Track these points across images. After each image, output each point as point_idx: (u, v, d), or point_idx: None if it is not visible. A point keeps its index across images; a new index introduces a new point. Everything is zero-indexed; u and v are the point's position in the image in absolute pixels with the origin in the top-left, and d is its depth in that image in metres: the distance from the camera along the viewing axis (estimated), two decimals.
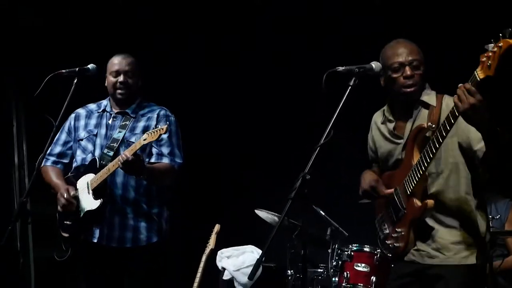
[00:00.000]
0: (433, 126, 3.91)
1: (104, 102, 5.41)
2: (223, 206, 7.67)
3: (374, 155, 4.57)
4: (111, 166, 5.00)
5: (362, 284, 5.88)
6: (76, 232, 5.20)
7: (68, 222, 5.21)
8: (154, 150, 5.21)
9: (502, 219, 6.31)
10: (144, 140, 4.85)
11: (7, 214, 6.57)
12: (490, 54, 3.47)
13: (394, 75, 4.19)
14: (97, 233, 5.15)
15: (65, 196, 5.13)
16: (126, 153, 4.88)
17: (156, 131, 4.81)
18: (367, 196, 4.41)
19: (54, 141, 5.40)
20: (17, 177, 7.50)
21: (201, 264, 6.24)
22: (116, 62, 5.26)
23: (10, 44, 7.35)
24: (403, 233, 4.19)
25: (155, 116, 5.29)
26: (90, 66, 5.00)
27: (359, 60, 4.05)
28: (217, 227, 6.35)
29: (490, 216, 5.93)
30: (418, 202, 4.07)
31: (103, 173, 5.05)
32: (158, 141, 5.15)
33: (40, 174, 5.16)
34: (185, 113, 5.66)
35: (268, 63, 7.66)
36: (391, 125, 4.35)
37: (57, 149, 5.41)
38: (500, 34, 3.43)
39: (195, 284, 6.18)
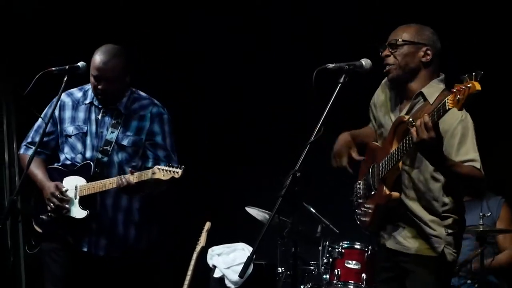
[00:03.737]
0: (413, 123, 3.88)
1: (91, 92, 5.11)
2: (213, 203, 7.66)
3: (372, 117, 4.52)
4: (108, 184, 4.85)
5: (353, 281, 5.89)
6: (51, 231, 5.03)
7: (44, 217, 5.05)
8: (149, 154, 5.04)
9: (493, 216, 6.32)
10: (153, 174, 4.70)
11: None
12: (461, 89, 3.50)
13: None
14: (85, 241, 4.99)
15: (58, 197, 4.94)
16: (129, 179, 4.76)
17: (170, 172, 4.65)
18: (335, 161, 4.40)
19: (35, 129, 5.19)
20: (7, 175, 7.47)
21: (192, 262, 6.23)
22: (97, 65, 4.91)
23: (0, 41, 7.32)
24: (370, 210, 4.25)
25: (148, 115, 5.07)
26: (80, 64, 4.92)
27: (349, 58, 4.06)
28: (207, 225, 6.35)
29: (481, 214, 5.95)
30: (386, 190, 4.09)
31: (97, 187, 4.89)
32: (153, 143, 5.04)
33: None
34: (175, 109, 5.64)
35: (258, 60, 7.66)
36: (398, 103, 4.30)
37: (39, 138, 5.01)
38: (473, 74, 3.46)
39: (186, 282, 6.18)
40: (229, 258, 6.70)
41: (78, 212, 4.96)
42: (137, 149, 5.04)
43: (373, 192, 4.21)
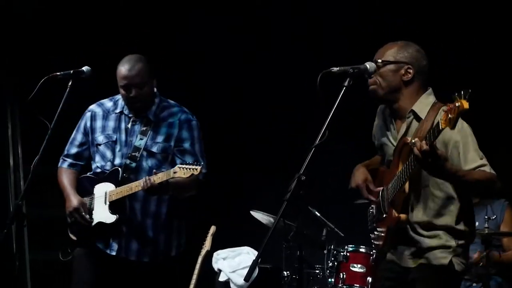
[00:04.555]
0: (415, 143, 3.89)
1: (121, 101, 5.23)
2: (218, 207, 7.66)
3: (376, 145, 4.53)
4: (134, 186, 4.95)
5: (358, 285, 5.91)
6: (85, 237, 5.14)
7: (76, 226, 5.17)
8: (177, 160, 5.09)
9: (497, 219, 6.31)
10: (175, 173, 4.80)
11: (2, 217, 6.56)
12: (451, 108, 3.52)
13: None
14: (114, 245, 5.08)
15: (81, 214, 5.07)
16: (153, 180, 4.84)
17: (190, 169, 4.78)
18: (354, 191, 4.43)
19: (70, 141, 5.33)
20: (13, 179, 7.49)
21: (197, 266, 6.22)
22: (124, 74, 5.04)
23: (6, 45, 7.33)
24: (382, 234, 4.25)
25: (177, 122, 5.16)
26: (85, 68, 4.93)
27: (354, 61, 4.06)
28: (212, 229, 6.33)
29: (486, 217, 5.96)
30: (395, 213, 4.10)
31: (125, 190, 4.99)
32: (181, 149, 5.12)
33: (35, 176, 5.10)
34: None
35: (258, 60, 7.66)
36: (392, 122, 4.31)
37: (74, 150, 5.30)
38: (462, 92, 3.48)
39: (191, 286, 6.16)
40: (234, 262, 6.70)
41: (108, 217, 5.06)
42: (166, 155, 5.12)
43: (384, 216, 4.21)
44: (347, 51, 6.94)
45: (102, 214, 5.09)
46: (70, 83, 4.83)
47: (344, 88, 3.90)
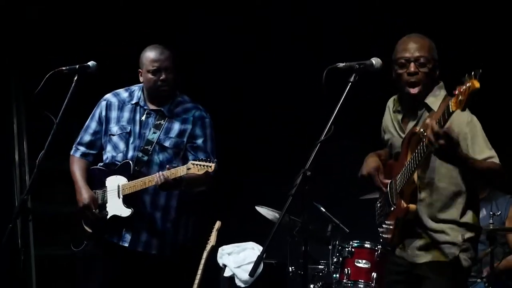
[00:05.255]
0: (425, 133, 3.88)
1: (137, 93, 5.28)
2: (224, 202, 7.67)
3: (384, 139, 4.53)
4: (147, 181, 4.98)
5: (363, 281, 5.90)
6: (100, 230, 5.19)
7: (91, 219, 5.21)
8: (190, 156, 5.12)
9: (502, 216, 6.30)
10: (188, 169, 4.84)
11: (7, 212, 6.57)
12: (462, 89, 3.51)
13: (399, 71, 4.16)
14: (127, 237, 5.12)
15: (92, 211, 5.13)
16: (167, 176, 4.88)
17: (204, 166, 4.82)
18: (363, 180, 4.41)
19: (84, 128, 5.36)
20: (18, 174, 7.50)
21: (202, 261, 6.23)
22: (154, 57, 5.12)
23: (12, 41, 7.35)
24: (391, 227, 4.23)
25: (191, 118, 5.20)
26: (91, 63, 4.94)
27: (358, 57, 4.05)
28: (218, 224, 6.34)
29: (491, 213, 5.95)
30: (404, 204, 4.09)
31: (138, 185, 5.02)
32: (194, 145, 5.17)
33: (40, 171, 5.12)
34: None
35: (258, 60, 7.66)
36: (399, 116, 4.31)
37: (87, 137, 5.33)
38: (473, 73, 3.48)
39: (196, 281, 6.17)
40: (239, 257, 6.71)
41: (123, 211, 5.09)
42: (178, 151, 5.16)
43: (392, 208, 4.21)
44: (347, 51, 6.93)
45: (116, 207, 5.11)
46: (75, 78, 4.84)
47: (350, 83, 3.91)
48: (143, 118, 5.20)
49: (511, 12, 6.68)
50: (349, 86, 3.91)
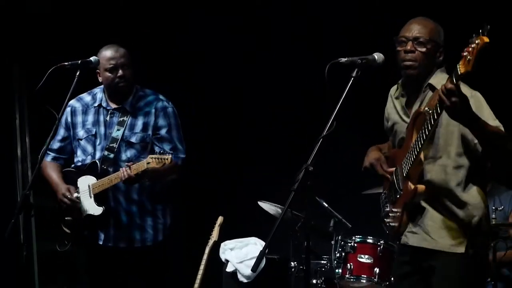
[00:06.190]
0: (430, 111, 3.86)
1: (99, 95, 5.37)
2: (226, 198, 7.67)
3: (388, 127, 4.49)
4: (113, 178, 5.08)
5: (365, 276, 5.90)
6: (77, 230, 5.28)
7: (69, 218, 5.30)
8: (156, 148, 5.22)
9: (505, 211, 6.29)
10: (148, 164, 4.92)
11: (10, 207, 6.57)
12: (470, 49, 3.48)
13: (398, 48, 4.14)
14: (102, 235, 5.24)
15: (68, 197, 5.22)
16: (129, 172, 4.97)
17: (161, 159, 4.88)
18: (367, 173, 4.40)
19: (51, 135, 5.38)
20: (20, 170, 7.51)
21: (204, 256, 6.24)
22: (110, 55, 5.20)
23: (14, 36, 7.35)
24: (398, 213, 4.18)
25: (153, 110, 5.28)
26: (93, 58, 4.97)
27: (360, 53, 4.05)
28: (220, 219, 6.35)
29: (494, 207, 5.94)
30: (411, 185, 4.03)
31: (106, 183, 5.13)
32: (159, 137, 5.24)
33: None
34: (186, 103, 5.64)
35: (258, 60, 7.66)
36: (403, 100, 4.27)
37: (56, 144, 5.43)
38: (480, 30, 3.44)
39: (199, 277, 6.18)
40: (242, 253, 6.70)
41: (95, 209, 5.19)
42: (145, 145, 5.24)
43: (398, 195, 4.16)
44: (347, 51, 6.90)
45: (89, 207, 5.21)
46: (77, 73, 4.84)
47: (352, 78, 3.91)
48: (107, 118, 5.29)
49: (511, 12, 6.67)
50: (351, 81, 3.90)
